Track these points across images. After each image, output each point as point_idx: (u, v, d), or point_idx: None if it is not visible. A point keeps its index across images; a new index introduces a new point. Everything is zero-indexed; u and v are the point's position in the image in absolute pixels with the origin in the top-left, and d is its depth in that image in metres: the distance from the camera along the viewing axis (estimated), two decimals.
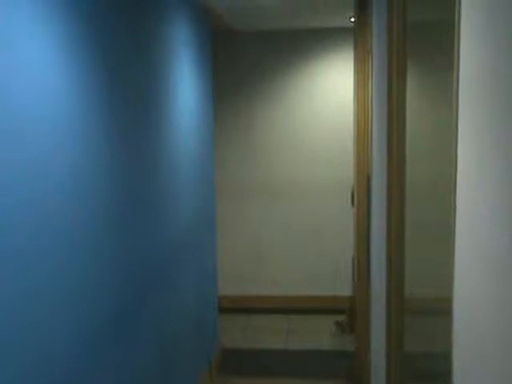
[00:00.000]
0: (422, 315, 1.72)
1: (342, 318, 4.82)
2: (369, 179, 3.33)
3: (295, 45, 5.18)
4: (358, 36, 4.06)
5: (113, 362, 2.08)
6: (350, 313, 4.82)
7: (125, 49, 2.28)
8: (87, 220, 1.86)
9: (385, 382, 2.33)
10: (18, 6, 1.45)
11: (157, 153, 2.72)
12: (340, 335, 4.71)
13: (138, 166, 2.41)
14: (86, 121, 1.87)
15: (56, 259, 1.63)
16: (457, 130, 1.05)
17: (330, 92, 4.86)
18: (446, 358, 1.14)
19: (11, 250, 1.39)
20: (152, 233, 2.62)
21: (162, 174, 2.81)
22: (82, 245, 1.81)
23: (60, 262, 1.65)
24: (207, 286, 4.03)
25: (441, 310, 1.22)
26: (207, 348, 3.97)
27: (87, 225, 1.86)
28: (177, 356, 3.12)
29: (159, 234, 2.74)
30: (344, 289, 5.09)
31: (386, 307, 2.41)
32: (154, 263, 2.63)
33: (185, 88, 3.35)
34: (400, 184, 2.12)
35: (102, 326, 1.97)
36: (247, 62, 5.23)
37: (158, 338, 2.71)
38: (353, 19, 4.33)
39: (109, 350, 2.04)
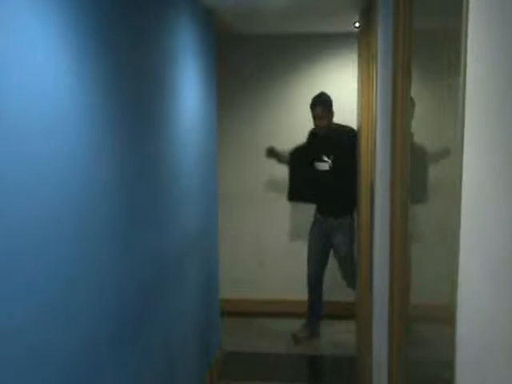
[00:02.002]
0: (425, 322, 1.71)
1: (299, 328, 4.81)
2: (372, 185, 3.33)
3: (299, 49, 5.18)
4: (362, 41, 4.06)
5: (115, 367, 2.08)
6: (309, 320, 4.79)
7: (127, 53, 2.28)
8: (89, 225, 1.86)
9: None
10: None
11: (159, 158, 2.71)
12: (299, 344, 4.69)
13: (139, 170, 2.41)
14: (89, 124, 1.87)
15: (59, 266, 1.63)
16: (462, 135, 1.04)
17: (334, 97, 4.84)
18: (448, 365, 1.13)
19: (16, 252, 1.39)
20: (156, 238, 2.62)
21: (165, 179, 2.81)
22: (83, 249, 1.81)
23: (62, 269, 1.65)
24: (210, 290, 4.02)
25: (444, 317, 1.22)
26: (209, 352, 3.96)
27: (89, 229, 1.86)
28: (179, 360, 3.11)
29: (163, 240, 2.74)
30: (346, 294, 5.07)
31: (389, 313, 2.40)
32: (157, 269, 2.63)
33: (188, 93, 3.35)
34: (403, 189, 2.12)
35: (104, 330, 1.97)
36: (250, 65, 5.23)
37: (162, 343, 2.70)
38: (357, 24, 4.33)
39: (112, 355, 2.04)
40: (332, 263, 4.88)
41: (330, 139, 4.54)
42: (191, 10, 3.47)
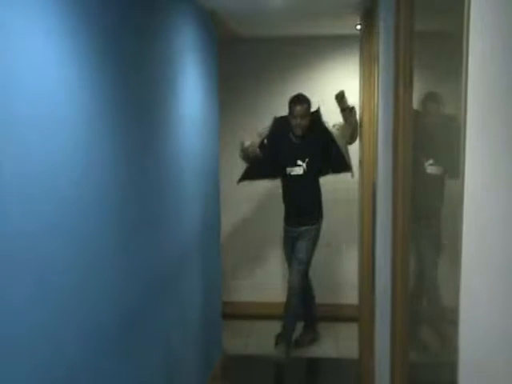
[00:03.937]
0: (428, 324, 1.71)
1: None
2: (374, 187, 3.32)
3: (300, 52, 5.18)
4: (363, 43, 4.06)
5: (116, 369, 2.07)
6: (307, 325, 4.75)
7: (129, 55, 2.28)
8: (91, 227, 1.85)
9: None
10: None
11: (161, 160, 2.71)
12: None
13: (142, 171, 2.41)
14: (90, 127, 1.87)
15: (59, 267, 1.62)
16: (465, 133, 1.04)
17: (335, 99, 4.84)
18: (451, 367, 1.12)
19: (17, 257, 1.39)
20: (158, 241, 2.62)
21: (167, 181, 2.80)
22: (85, 251, 1.80)
23: (64, 271, 1.65)
24: (211, 293, 4.01)
25: (447, 320, 1.21)
26: (210, 355, 3.95)
27: (91, 231, 1.85)
28: (181, 363, 3.10)
29: (164, 242, 2.74)
30: (348, 297, 5.06)
31: (391, 316, 2.39)
32: (159, 271, 2.62)
33: (189, 94, 3.35)
34: (406, 192, 2.11)
35: (105, 333, 1.96)
36: (251, 67, 5.22)
37: (163, 345, 2.70)
38: (359, 26, 4.33)
39: (113, 357, 2.03)
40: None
41: (306, 141, 4.38)
42: (192, 13, 3.47)
